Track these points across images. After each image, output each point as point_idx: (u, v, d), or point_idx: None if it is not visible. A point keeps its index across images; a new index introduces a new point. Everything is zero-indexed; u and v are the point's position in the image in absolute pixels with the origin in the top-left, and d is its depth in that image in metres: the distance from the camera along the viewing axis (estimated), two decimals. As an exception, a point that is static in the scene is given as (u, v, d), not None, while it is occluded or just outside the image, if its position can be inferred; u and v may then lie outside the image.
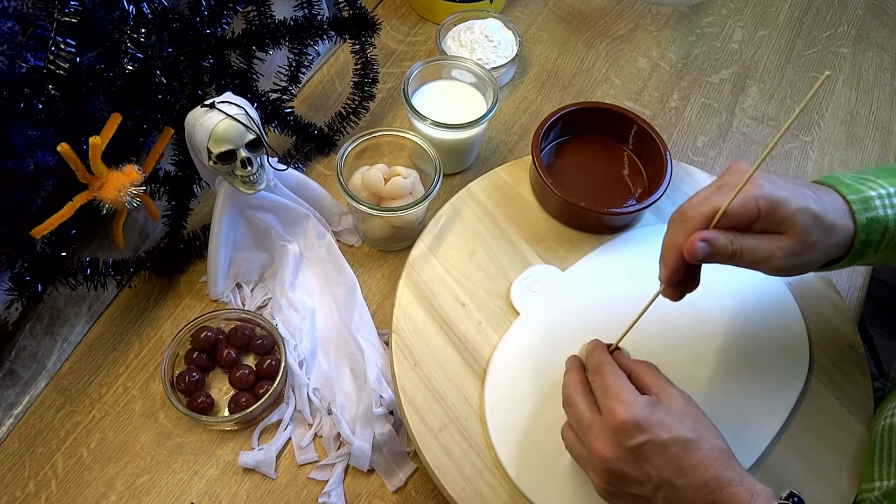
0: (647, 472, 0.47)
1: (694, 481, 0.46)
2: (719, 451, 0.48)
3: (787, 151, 0.86)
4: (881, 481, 0.56)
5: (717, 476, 0.46)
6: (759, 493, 0.46)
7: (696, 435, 0.48)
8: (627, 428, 0.48)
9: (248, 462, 0.62)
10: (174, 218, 0.69)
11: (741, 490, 0.46)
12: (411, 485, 0.63)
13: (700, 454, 0.47)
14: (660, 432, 0.47)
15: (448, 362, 0.62)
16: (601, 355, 0.53)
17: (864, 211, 0.50)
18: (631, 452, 0.48)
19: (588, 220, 0.69)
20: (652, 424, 0.48)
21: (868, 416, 0.61)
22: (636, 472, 0.48)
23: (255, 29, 0.66)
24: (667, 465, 0.47)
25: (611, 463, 0.48)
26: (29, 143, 0.55)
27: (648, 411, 0.48)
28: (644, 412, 0.48)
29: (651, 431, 0.47)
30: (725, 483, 0.46)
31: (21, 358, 0.64)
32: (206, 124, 0.57)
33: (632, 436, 0.47)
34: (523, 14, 0.97)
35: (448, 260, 0.68)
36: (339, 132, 0.81)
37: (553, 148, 0.75)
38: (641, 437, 0.47)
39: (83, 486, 0.62)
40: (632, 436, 0.47)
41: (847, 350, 0.64)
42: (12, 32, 0.49)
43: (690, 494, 0.46)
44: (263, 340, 0.66)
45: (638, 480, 0.48)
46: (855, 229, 0.50)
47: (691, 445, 0.47)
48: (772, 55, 0.95)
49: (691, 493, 0.46)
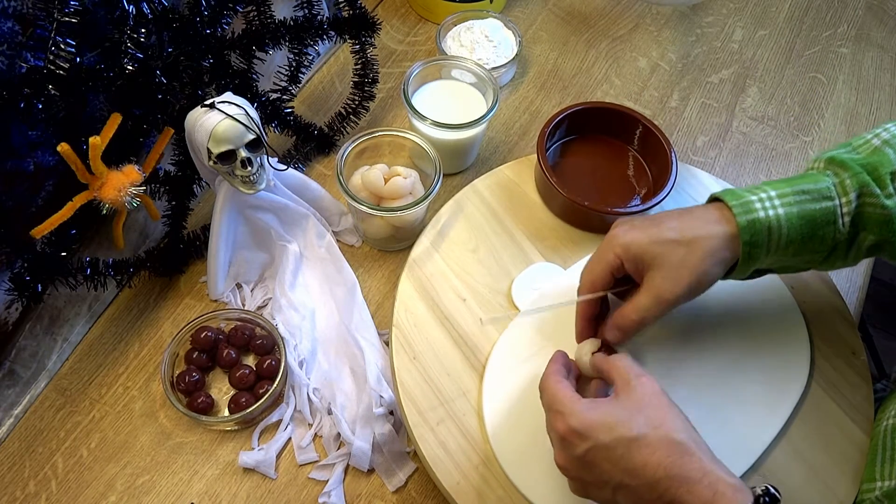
0: (600, 476, 0.47)
1: (645, 480, 0.45)
2: (669, 446, 0.45)
3: (787, 151, 0.86)
4: (883, 481, 0.56)
5: (668, 475, 0.45)
6: (723, 491, 0.44)
7: (642, 431, 0.46)
8: (569, 438, 0.48)
9: (248, 462, 0.62)
10: (174, 218, 0.69)
11: (701, 488, 0.44)
12: (411, 485, 0.63)
13: (646, 452, 0.46)
14: (600, 437, 0.47)
15: (447, 357, 0.63)
16: (549, 367, 0.54)
17: (744, 214, 0.53)
18: (579, 460, 0.48)
19: (592, 220, 0.69)
20: (591, 430, 0.47)
21: (868, 422, 0.61)
22: (591, 478, 0.48)
23: (255, 29, 0.66)
24: (615, 468, 0.46)
25: (568, 471, 0.49)
26: (29, 143, 0.55)
27: (586, 416, 0.48)
28: (580, 419, 0.48)
29: (591, 437, 0.47)
30: (680, 481, 0.44)
31: (21, 358, 0.64)
32: (206, 124, 0.57)
33: (575, 444, 0.48)
34: (523, 14, 0.97)
35: (450, 256, 0.68)
36: (339, 132, 0.81)
37: (558, 147, 0.75)
38: (583, 444, 0.47)
39: (83, 486, 0.62)
40: (575, 444, 0.48)
41: (848, 355, 0.64)
42: (12, 32, 0.49)
43: (647, 493, 0.45)
44: (263, 340, 0.66)
45: (596, 484, 0.48)
46: (737, 231, 0.52)
47: (635, 444, 0.46)
48: (772, 55, 0.95)
49: (647, 491, 0.45)
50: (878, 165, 0.53)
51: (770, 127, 0.88)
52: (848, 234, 0.54)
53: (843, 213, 0.53)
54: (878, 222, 0.53)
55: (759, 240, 0.52)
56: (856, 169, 0.53)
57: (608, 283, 0.56)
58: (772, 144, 0.87)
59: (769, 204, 0.53)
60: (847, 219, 0.53)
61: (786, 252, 0.54)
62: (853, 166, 0.53)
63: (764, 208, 0.53)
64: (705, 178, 0.75)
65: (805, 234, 0.53)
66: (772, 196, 0.53)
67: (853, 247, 0.55)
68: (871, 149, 0.55)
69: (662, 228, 0.53)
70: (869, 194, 0.53)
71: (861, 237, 0.54)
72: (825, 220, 0.53)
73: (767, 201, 0.53)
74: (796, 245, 0.53)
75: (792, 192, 0.53)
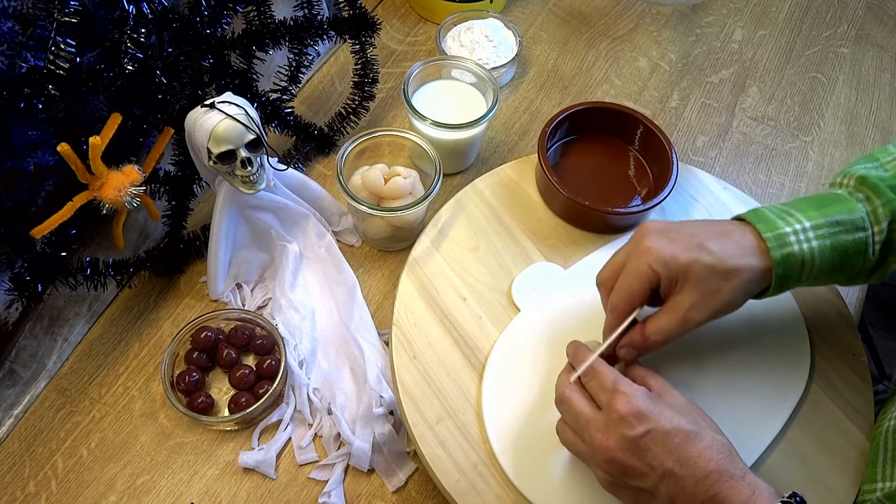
0: (649, 462, 0.47)
1: (696, 472, 0.46)
2: (720, 445, 0.48)
3: (788, 151, 0.86)
4: (884, 482, 0.56)
5: (719, 468, 0.46)
6: (762, 490, 0.46)
7: (698, 427, 0.48)
8: (629, 418, 0.48)
9: (248, 462, 0.62)
10: (174, 218, 0.69)
11: (743, 485, 0.46)
12: (411, 485, 0.63)
13: (702, 445, 0.47)
14: (662, 422, 0.48)
15: (447, 356, 0.63)
16: (588, 355, 0.54)
17: (779, 248, 0.52)
18: (633, 443, 0.48)
19: (592, 220, 0.69)
20: (654, 414, 0.48)
21: (868, 423, 0.61)
22: (639, 463, 0.48)
23: (255, 29, 0.66)
24: (669, 455, 0.47)
25: (614, 454, 0.48)
26: (29, 143, 0.55)
27: (650, 402, 0.49)
28: (645, 403, 0.49)
29: (653, 421, 0.48)
30: (727, 476, 0.46)
31: (21, 358, 0.64)
32: (206, 124, 0.57)
33: (633, 426, 0.48)
34: (523, 14, 0.97)
35: (451, 255, 0.68)
36: (339, 132, 0.81)
37: (559, 147, 0.75)
38: (643, 426, 0.48)
39: (83, 486, 0.62)
40: (633, 426, 0.48)
41: (849, 356, 0.64)
42: (12, 32, 0.49)
43: (692, 485, 0.46)
44: (263, 340, 0.66)
45: (641, 472, 0.48)
46: (771, 265, 0.52)
47: (693, 436, 0.47)
48: (772, 55, 0.95)
49: (693, 483, 0.46)
50: None
51: (770, 127, 0.88)
52: (876, 261, 0.54)
53: (874, 241, 0.53)
54: None
55: (791, 273, 0.52)
56: (888, 196, 0.53)
57: (646, 298, 0.54)
58: (772, 144, 0.87)
59: (804, 237, 0.52)
60: (878, 247, 0.53)
61: (815, 281, 0.54)
62: (886, 192, 0.53)
63: (798, 241, 0.52)
64: (706, 177, 0.75)
65: (836, 264, 0.53)
66: (806, 228, 0.52)
67: (878, 270, 0.55)
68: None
69: (703, 252, 0.52)
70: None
71: (889, 261, 0.54)
72: (857, 251, 0.53)
73: (802, 234, 0.52)
74: (826, 275, 0.54)
75: (826, 223, 0.53)
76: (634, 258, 0.53)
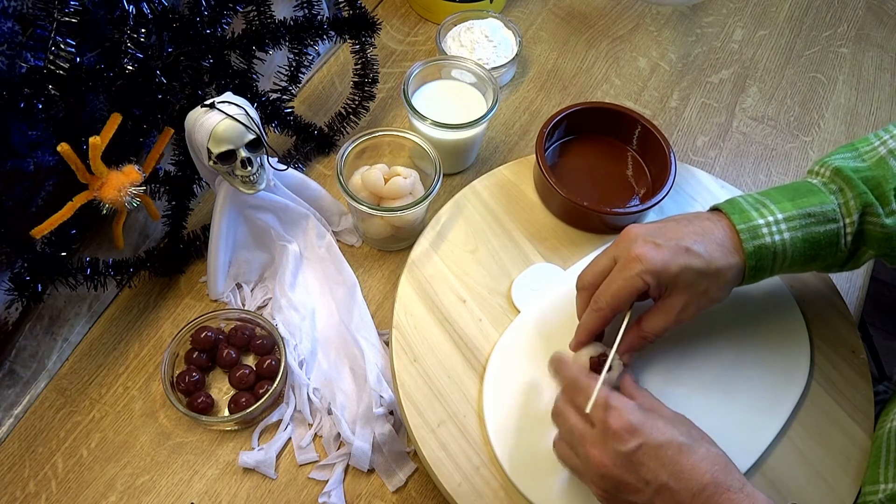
0: (643, 476, 0.47)
1: (691, 485, 0.46)
2: (716, 456, 0.47)
3: (788, 151, 0.86)
4: (886, 484, 0.55)
5: (715, 480, 0.46)
6: (761, 501, 0.45)
7: (691, 439, 0.48)
8: (621, 433, 0.47)
9: (248, 462, 0.62)
10: (174, 218, 0.69)
11: (741, 497, 0.45)
12: (411, 485, 0.63)
13: (696, 457, 0.47)
14: (654, 434, 0.47)
15: (448, 359, 0.63)
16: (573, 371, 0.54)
17: (752, 239, 0.53)
18: (626, 458, 0.47)
19: (591, 220, 0.69)
20: (645, 427, 0.48)
21: (868, 420, 0.61)
22: (632, 479, 0.47)
23: (255, 29, 0.66)
24: (663, 469, 0.46)
25: (607, 469, 0.48)
26: (29, 143, 0.55)
27: (641, 415, 0.48)
28: (637, 416, 0.48)
29: (644, 434, 0.47)
30: (724, 488, 0.45)
31: (21, 358, 0.64)
32: (206, 124, 0.57)
33: (626, 441, 0.47)
34: (523, 14, 0.97)
35: (450, 257, 0.68)
36: (339, 132, 0.81)
37: (557, 147, 0.75)
38: (635, 440, 0.47)
39: (83, 486, 0.62)
40: (626, 441, 0.47)
41: (848, 354, 0.64)
42: (12, 32, 0.49)
43: (688, 499, 0.46)
44: (263, 340, 0.66)
45: (635, 488, 0.47)
46: (744, 257, 0.53)
47: (686, 448, 0.47)
48: (772, 55, 0.95)
49: (689, 497, 0.46)
50: (882, 181, 0.54)
51: (770, 127, 0.88)
52: (848, 251, 0.55)
53: (846, 233, 0.54)
54: (878, 240, 0.54)
55: (763, 264, 0.54)
56: (860, 188, 0.54)
57: (631, 305, 0.56)
58: (772, 144, 0.87)
59: (776, 229, 0.53)
60: (849, 238, 0.54)
61: (788, 270, 0.56)
62: (858, 185, 0.54)
63: (770, 233, 0.53)
64: (705, 178, 0.75)
65: (808, 255, 0.54)
66: (779, 220, 0.54)
67: (852, 260, 0.57)
68: (876, 158, 0.55)
69: (690, 256, 0.53)
70: (871, 213, 0.54)
71: (861, 251, 0.56)
72: (829, 242, 0.54)
73: (774, 226, 0.53)
74: (798, 265, 0.55)
75: (799, 215, 0.54)
76: (624, 267, 0.54)
